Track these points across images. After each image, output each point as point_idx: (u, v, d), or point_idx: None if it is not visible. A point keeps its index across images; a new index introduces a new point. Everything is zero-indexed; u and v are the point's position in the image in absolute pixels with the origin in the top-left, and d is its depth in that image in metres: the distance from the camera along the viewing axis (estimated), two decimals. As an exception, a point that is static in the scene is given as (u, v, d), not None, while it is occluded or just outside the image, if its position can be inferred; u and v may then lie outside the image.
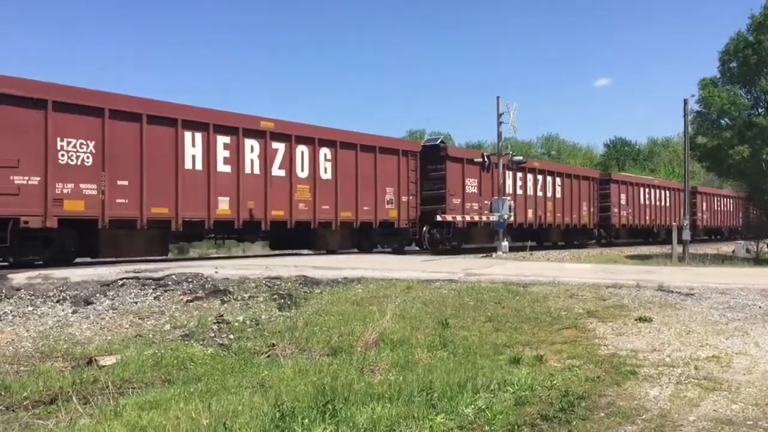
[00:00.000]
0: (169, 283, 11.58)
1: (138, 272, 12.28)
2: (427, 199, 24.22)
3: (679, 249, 25.90)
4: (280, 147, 18.81)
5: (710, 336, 8.12)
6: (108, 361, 6.96)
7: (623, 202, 35.50)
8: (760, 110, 28.11)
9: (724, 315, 9.32)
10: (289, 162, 18.95)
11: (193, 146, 16.60)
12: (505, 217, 23.98)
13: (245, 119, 18.08)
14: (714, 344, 7.74)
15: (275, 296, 10.89)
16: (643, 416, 5.24)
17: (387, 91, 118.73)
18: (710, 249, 31.59)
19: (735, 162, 27.52)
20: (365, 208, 21.27)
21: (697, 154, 31.12)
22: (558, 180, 30.88)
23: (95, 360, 6.99)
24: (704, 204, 44.49)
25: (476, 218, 25.64)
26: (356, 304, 10.12)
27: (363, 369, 6.56)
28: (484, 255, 22.70)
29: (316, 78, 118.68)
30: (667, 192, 40.77)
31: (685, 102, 28.30)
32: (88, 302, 10.31)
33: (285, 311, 9.89)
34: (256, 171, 18.09)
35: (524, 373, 6.20)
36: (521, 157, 27.70)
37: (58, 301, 10.35)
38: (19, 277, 11.49)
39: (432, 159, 24.58)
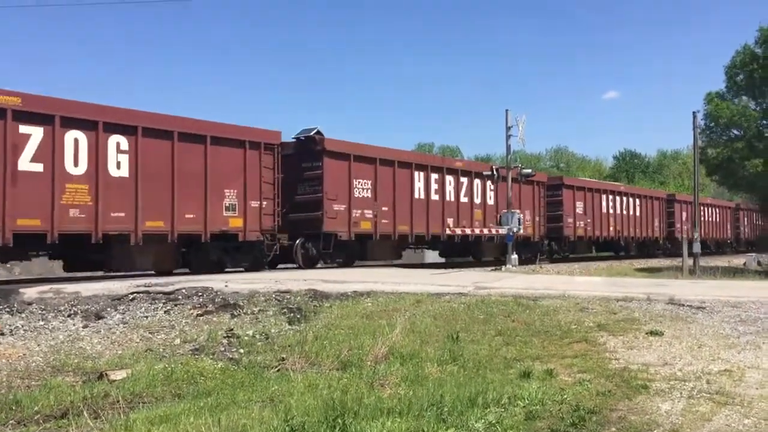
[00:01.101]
0: (179, 297, 11.62)
1: (148, 286, 12.33)
2: (300, 206, 19.81)
3: (689, 262, 25.77)
4: (34, 132, 13.77)
5: (722, 350, 8.06)
6: (118, 375, 6.98)
7: (579, 210, 31.65)
8: (769, 122, 28.06)
9: (735, 329, 9.25)
10: (51, 154, 13.92)
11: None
12: (514, 230, 23.97)
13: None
14: (726, 358, 7.68)
15: (285, 310, 10.90)
16: (655, 431, 5.20)
17: (396, 104, 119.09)
18: (721, 262, 31.39)
19: (747, 174, 27.43)
20: (189, 215, 16.32)
21: (707, 168, 31.06)
22: (489, 184, 26.29)
23: (106, 374, 7.00)
24: (684, 214, 41.39)
25: (371, 228, 21.21)
26: (366, 318, 10.12)
27: (373, 383, 6.54)
28: (494, 268, 22.67)
29: (326, 92, 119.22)
30: (638, 200, 37.10)
31: (694, 114, 28.32)
32: (98, 316, 10.36)
33: (295, 325, 9.89)
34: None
35: (535, 388, 6.17)
36: (530, 170, 27.76)
37: (69, 316, 10.40)
38: (30, 292, 11.56)
39: (307, 155, 20.01)
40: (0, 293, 11.42)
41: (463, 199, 25.15)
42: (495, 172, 25.27)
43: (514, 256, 23.67)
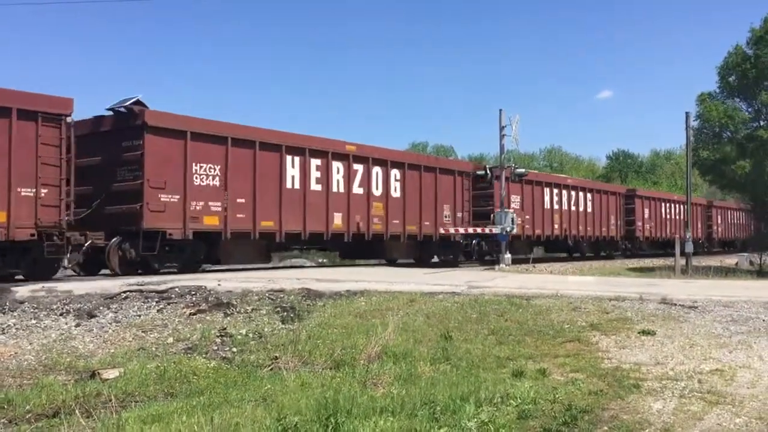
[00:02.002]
0: (173, 296, 11.59)
1: (141, 285, 12.30)
2: (117, 196, 15.66)
3: (682, 261, 25.87)
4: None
5: (714, 349, 8.10)
6: (111, 374, 6.97)
7: (515, 205, 27.36)
8: (761, 123, 28.16)
9: (727, 328, 9.30)
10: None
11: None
12: (508, 229, 24.02)
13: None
14: (717, 357, 7.72)
15: (278, 309, 10.89)
16: (647, 430, 5.23)
17: (390, 104, 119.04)
18: (714, 261, 31.51)
19: (737, 176, 27.57)
20: None
21: (699, 169, 31.20)
22: (396, 173, 22.72)
23: (98, 373, 6.99)
24: (647, 211, 37.66)
25: (219, 225, 17.02)
26: (359, 317, 10.12)
27: (366, 382, 6.56)
28: (487, 267, 22.73)
29: (321, 91, 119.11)
30: (589, 194, 33.18)
31: (687, 115, 28.38)
32: (91, 315, 10.32)
33: (288, 324, 9.89)
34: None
35: (527, 387, 6.19)
36: (523, 170, 27.82)
37: (61, 314, 10.36)
38: (22, 290, 11.51)
39: (125, 132, 15.97)
40: (-8, 292, 11.36)
41: (357, 191, 21.12)
42: (488, 172, 25.33)
43: (507, 256, 23.72)
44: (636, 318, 10.01)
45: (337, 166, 20.64)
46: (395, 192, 22.76)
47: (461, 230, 24.80)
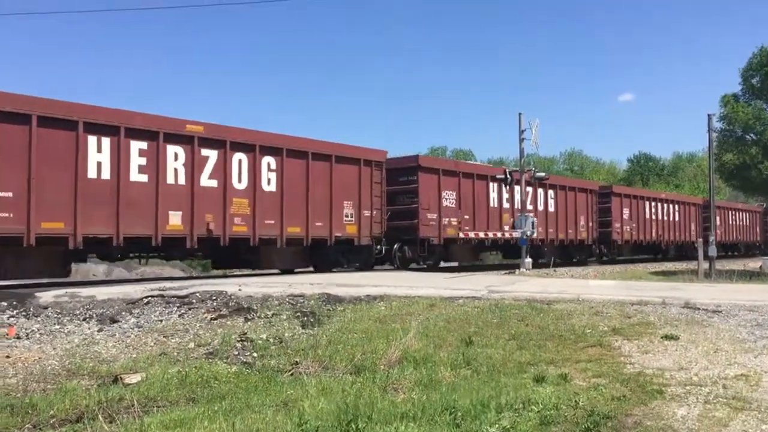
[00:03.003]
0: (194, 301, 11.67)
1: (163, 290, 12.39)
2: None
3: (705, 265, 25.55)
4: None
5: (738, 354, 7.98)
6: (133, 379, 7.01)
7: (434, 203, 23.30)
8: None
9: (752, 333, 9.16)
10: None
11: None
12: (528, 233, 23.91)
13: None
14: (742, 362, 7.60)
15: (298, 314, 10.92)
16: (671, 436, 5.16)
17: (408, 108, 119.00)
18: (736, 265, 31.08)
19: (762, 179, 27.22)
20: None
21: (722, 172, 30.82)
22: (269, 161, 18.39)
23: (121, 378, 7.04)
24: (626, 210, 34.05)
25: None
26: (379, 322, 10.12)
27: (386, 387, 6.54)
28: (507, 272, 22.63)
29: (339, 96, 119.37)
30: (550, 191, 29.15)
31: (709, 117, 28.05)
32: (113, 320, 10.42)
33: (308, 329, 9.91)
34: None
35: (549, 392, 6.14)
36: (543, 173, 27.65)
37: (84, 319, 10.47)
38: (46, 296, 11.65)
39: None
40: (17, 297, 11.52)
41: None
42: (508, 176, 25.23)
43: (528, 260, 23.62)
44: (659, 322, 9.90)
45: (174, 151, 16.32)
46: (269, 185, 18.44)
47: (482, 234, 24.81)
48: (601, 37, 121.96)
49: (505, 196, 26.47)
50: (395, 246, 22.49)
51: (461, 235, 24.35)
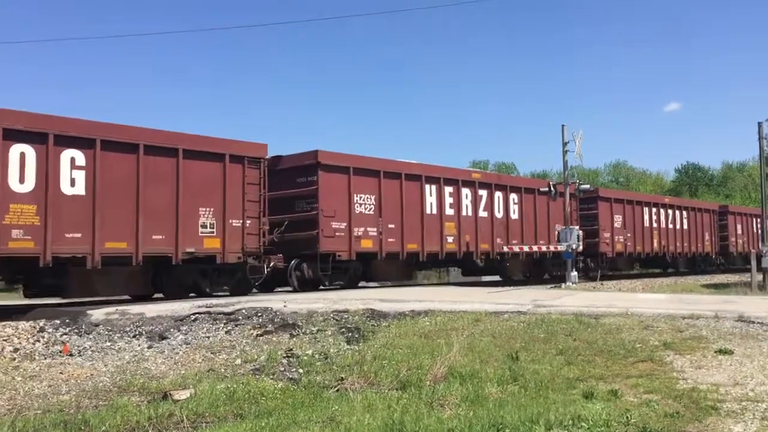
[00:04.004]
0: (240, 317, 11.80)
1: (210, 307, 12.56)
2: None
3: (759, 277, 24.85)
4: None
5: (797, 369, 7.72)
6: (182, 395, 7.11)
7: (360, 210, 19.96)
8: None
9: (811, 346, 8.85)
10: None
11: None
12: (573, 246, 23.60)
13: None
14: (801, 378, 7.35)
15: (343, 330, 10.94)
16: (728, 454, 5.01)
17: (450, 122, 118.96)
18: None
19: None
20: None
21: None
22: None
23: (170, 394, 7.14)
24: (619, 218, 30.14)
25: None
26: (424, 337, 10.07)
27: (432, 403, 6.50)
28: (553, 285, 22.33)
29: (381, 111, 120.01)
30: (510, 195, 25.10)
31: (760, 125, 27.41)
32: (162, 337, 10.60)
33: (353, 344, 9.92)
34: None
35: (599, 408, 6.02)
36: (588, 186, 27.28)
37: (134, 336, 10.67)
38: (97, 313, 11.92)
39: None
40: (69, 315, 11.81)
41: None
42: (552, 188, 24.96)
43: (574, 273, 23.29)
44: (712, 336, 9.64)
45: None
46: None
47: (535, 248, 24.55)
48: (647, 46, 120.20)
49: (448, 200, 22.52)
50: (292, 263, 18.53)
51: (385, 248, 20.22)
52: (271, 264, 17.12)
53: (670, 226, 33.65)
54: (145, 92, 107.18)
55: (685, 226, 34.87)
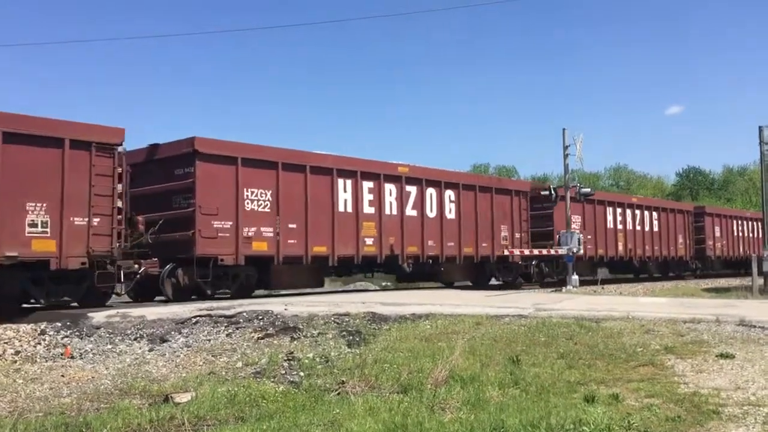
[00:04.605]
0: (241, 320, 11.80)
1: (210, 310, 12.57)
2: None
3: (760, 281, 24.81)
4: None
5: (798, 373, 7.71)
6: (183, 398, 7.11)
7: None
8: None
9: (812, 351, 8.85)
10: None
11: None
12: (574, 250, 23.60)
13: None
14: (803, 382, 7.35)
15: (344, 333, 10.95)
16: (729, 458, 5.00)
17: (450, 125, 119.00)
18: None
19: None
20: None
21: None
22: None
23: (171, 397, 7.14)
24: (576, 218, 27.34)
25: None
26: (425, 341, 10.07)
27: (433, 407, 6.50)
28: (554, 289, 22.32)
29: (380, 112, 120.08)
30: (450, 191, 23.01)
31: (761, 129, 27.36)
32: (163, 340, 10.60)
33: (354, 348, 9.92)
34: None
35: (600, 412, 6.01)
36: (590, 189, 27.28)
37: (135, 339, 10.68)
38: (98, 316, 11.92)
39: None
40: (70, 318, 11.81)
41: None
42: (552, 192, 24.97)
43: (575, 277, 23.29)
44: (713, 341, 9.64)
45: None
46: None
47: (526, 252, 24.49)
48: (648, 49, 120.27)
49: (368, 197, 20.08)
50: (165, 269, 16.03)
51: (284, 251, 17.75)
52: (141, 270, 14.87)
53: (638, 227, 31.47)
54: (145, 94, 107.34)
55: (656, 228, 32.78)
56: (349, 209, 19.49)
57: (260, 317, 12.02)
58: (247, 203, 16.96)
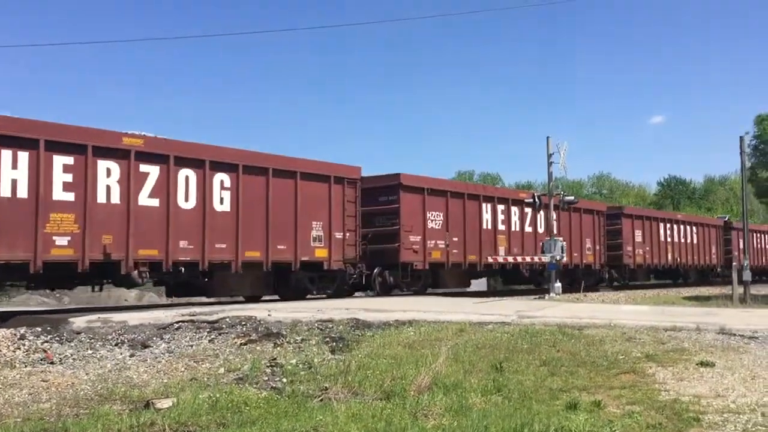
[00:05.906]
0: (223, 326, 11.74)
1: (193, 315, 12.49)
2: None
3: (740, 290, 25.07)
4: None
5: (777, 381, 7.80)
6: (164, 404, 7.05)
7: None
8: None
9: (791, 359, 8.95)
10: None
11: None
12: (557, 258, 23.71)
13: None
14: (781, 390, 7.42)
15: (327, 339, 10.92)
16: (709, 465, 5.04)
17: (435, 132, 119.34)
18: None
19: None
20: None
21: (757, 190, 30.34)
22: None
23: (152, 403, 7.08)
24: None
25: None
26: (408, 347, 10.07)
27: (416, 413, 6.49)
28: (538, 297, 22.41)
29: (363, 119, 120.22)
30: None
31: (741, 139, 27.72)
32: (145, 345, 10.51)
33: (337, 354, 9.90)
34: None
35: (582, 419, 6.04)
36: (572, 197, 27.45)
37: (116, 345, 10.58)
38: (79, 321, 11.81)
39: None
40: (50, 322, 11.69)
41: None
42: (536, 200, 25.08)
43: (558, 285, 23.37)
44: (693, 349, 9.72)
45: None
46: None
47: (500, 259, 24.67)
48: (632, 59, 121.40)
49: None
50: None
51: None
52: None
53: (527, 229, 26.88)
54: (146, 96, 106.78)
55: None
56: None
57: (243, 323, 11.96)
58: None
